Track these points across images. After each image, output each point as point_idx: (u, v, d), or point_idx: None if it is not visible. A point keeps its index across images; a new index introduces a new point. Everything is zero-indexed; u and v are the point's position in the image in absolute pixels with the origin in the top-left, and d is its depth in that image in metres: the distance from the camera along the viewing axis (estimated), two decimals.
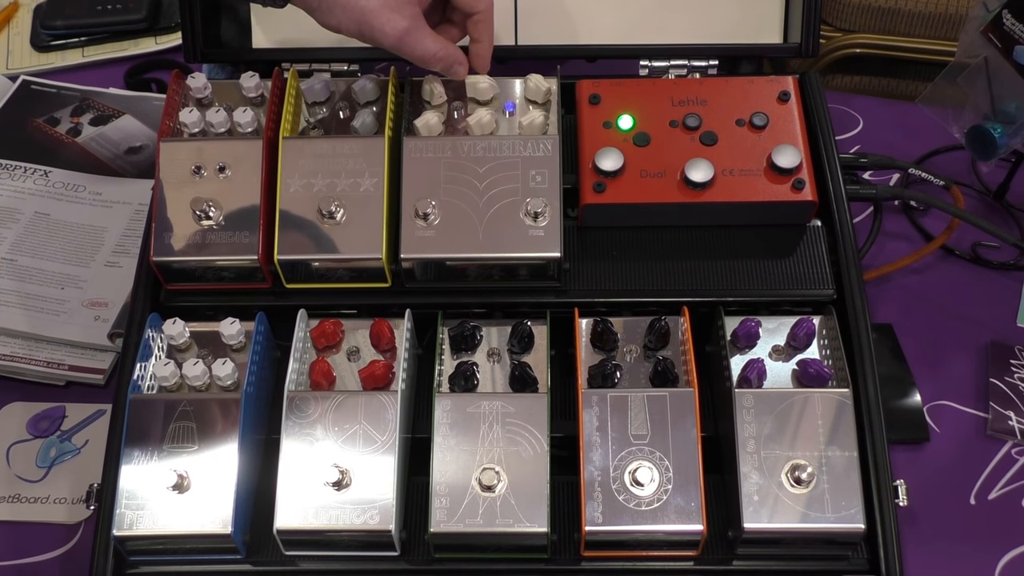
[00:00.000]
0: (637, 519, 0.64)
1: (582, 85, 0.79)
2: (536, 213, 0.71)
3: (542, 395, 0.68)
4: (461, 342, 0.72)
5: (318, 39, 0.83)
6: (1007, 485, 0.79)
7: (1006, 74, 0.85)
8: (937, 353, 0.86)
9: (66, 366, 0.85)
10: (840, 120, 1.03)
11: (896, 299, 0.90)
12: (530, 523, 0.64)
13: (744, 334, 0.71)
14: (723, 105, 0.77)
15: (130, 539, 0.65)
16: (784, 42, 0.84)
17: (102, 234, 0.93)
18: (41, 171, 0.98)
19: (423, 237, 0.71)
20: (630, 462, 0.65)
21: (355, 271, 0.72)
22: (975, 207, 0.97)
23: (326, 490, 0.65)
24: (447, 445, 0.66)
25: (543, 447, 0.66)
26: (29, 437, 0.83)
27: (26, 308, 0.87)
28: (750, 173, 0.74)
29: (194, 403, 0.68)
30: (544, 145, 0.74)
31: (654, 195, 0.73)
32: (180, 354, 0.72)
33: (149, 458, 0.66)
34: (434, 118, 0.75)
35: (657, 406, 0.67)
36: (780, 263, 0.74)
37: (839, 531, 0.64)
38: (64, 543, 0.77)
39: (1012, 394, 0.83)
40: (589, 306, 0.73)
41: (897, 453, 0.79)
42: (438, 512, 0.64)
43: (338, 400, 0.68)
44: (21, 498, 0.79)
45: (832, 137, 0.78)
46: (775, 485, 0.65)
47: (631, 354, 0.72)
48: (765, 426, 0.66)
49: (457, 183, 0.72)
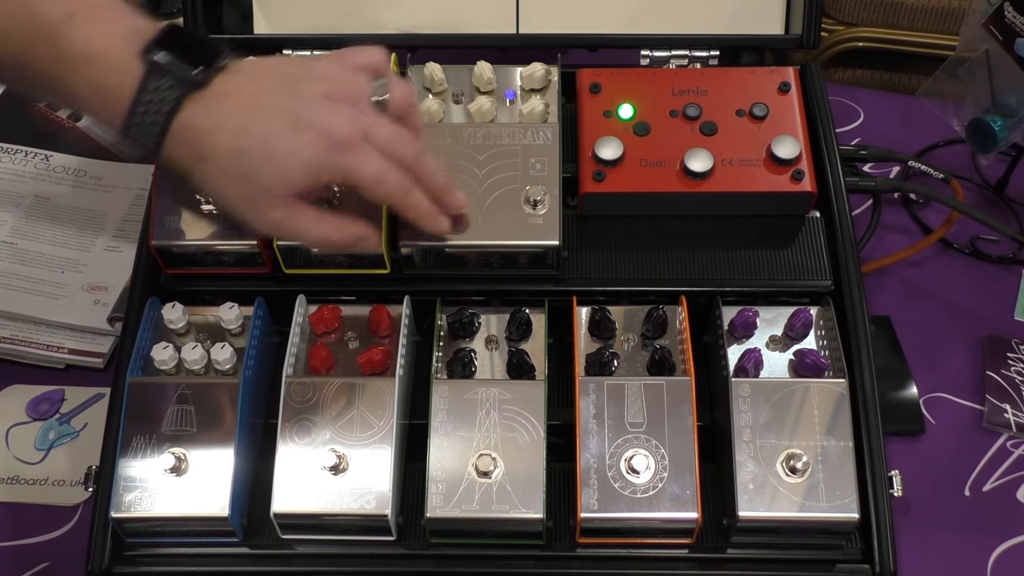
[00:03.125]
0: (632, 506, 0.64)
1: (583, 74, 0.79)
2: (535, 201, 0.71)
3: (539, 382, 0.68)
4: (459, 329, 0.72)
5: (320, 25, 0.83)
6: (1002, 477, 0.80)
7: (1007, 67, 0.85)
8: (934, 345, 0.87)
9: (66, 349, 0.85)
10: (841, 112, 1.03)
11: (894, 291, 0.90)
12: (526, 509, 0.64)
13: (741, 324, 0.71)
14: (723, 95, 0.77)
15: (128, 521, 0.65)
16: (786, 33, 0.84)
17: (102, 218, 0.93)
18: (42, 155, 0.99)
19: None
20: (626, 450, 0.65)
21: (354, 257, 0.72)
22: (974, 200, 0.97)
23: (323, 475, 0.65)
24: (444, 431, 0.67)
25: (540, 434, 0.66)
26: (28, 420, 0.83)
27: (26, 292, 0.87)
28: (750, 163, 0.74)
29: (193, 387, 0.68)
30: (544, 133, 0.74)
31: (654, 184, 0.74)
32: (179, 338, 0.72)
33: (147, 441, 0.67)
34: (435, 105, 0.75)
35: (654, 394, 0.67)
36: (778, 254, 0.74)
37: (833, 520, 0.64)
38: (62, 525, 0.77)
39: (1008, 387, 0.83)
40: (587, 295, 0.73)
41: (893, 444, 0.80)
42: (434, 497, 0.65)
43: (336, 385, 0.68)
44: (20, 480, 0.80)
45: (832, 129, 0.78)
46: (770, 474, 0.65)
47: (629, 343, 0.72)
48: (761, 415, 0.66)
49: (457, 170, 0.72)
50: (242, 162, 0.61)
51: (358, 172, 0.62)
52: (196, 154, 0.62)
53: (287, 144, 0.61)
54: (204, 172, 0.62)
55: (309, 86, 0.63)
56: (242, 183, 0.62)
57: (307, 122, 0.61)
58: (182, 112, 0.61)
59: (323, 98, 0.62)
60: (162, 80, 0.60)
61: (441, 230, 0.68)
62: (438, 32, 0.84)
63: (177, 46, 0.61)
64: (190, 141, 0.61)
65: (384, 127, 0.64)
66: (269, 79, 0.63)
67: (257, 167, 0.61)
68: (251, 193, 0.62)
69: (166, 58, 0.60)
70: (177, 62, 0.60)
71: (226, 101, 0.61)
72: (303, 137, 0.61)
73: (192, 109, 0.61)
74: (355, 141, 0.62)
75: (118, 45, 0.60)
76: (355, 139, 0.62)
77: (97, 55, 0.60)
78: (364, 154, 0.62)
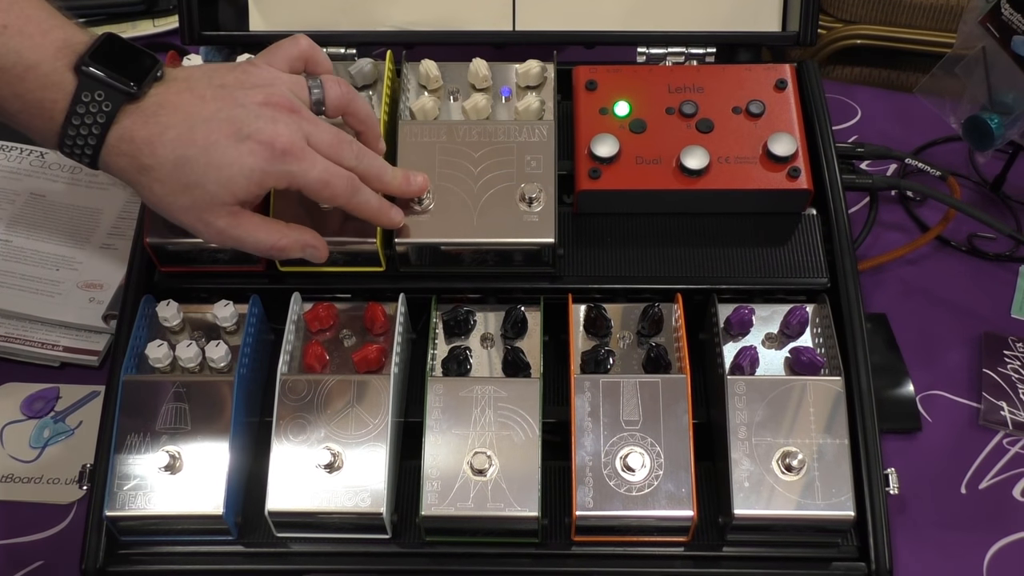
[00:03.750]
0: (628, 504, 0.64)
1: (579, 71, 0.78)
2: (531, 198, 0.71)
3: (535, 380, 0.68)
4: (455, 327, 0.72)
5: (315, 22, 0.83)
6: (998, 475, 0.79)
7: (1004, 64, 0.85)
8: (931, 343, 0.87)
9: (60, 347, 0.85)
10: (838, 110, 1.03)
11: (891, 289, 0.90)
12: (521, 507, 0.64)
13: (737, 321, 0.71)
14: (720, 93, 0.77)
15: (122, 519, 0.65)
16: (783, 30, 0.84)
17: (97, 216, 0.93)
18: (37, 152, 0.98)
19: (418, 222, 0.71)
20: (621, 448, 0.65)
21: (350, 255, 0.72)
22: (971, 198, 0.97)
23: (318, 473, 0.65)
24: (439, 429, 0.66)
25: (535, 432, 0.66)
26: (23, 418, 0.83)
27: (21, 289, 0.87)
28: (746, 161, 0.74)
29: (187, 385, 0.68)
30: (540, 130, 0.74)
31: (649, 182, 0.73)
32: (174, 336, 0.72)
33: (142, 439, 0.67)
34: (430, 102, 0.75)
35: (649, 392, 0.67)
36: (775, 251, 0.74)
37: (829, 518, 0.64)
38: (57, 523, 0.77)
39: (1005, 384, 0.83)
40: (583, 292, 0.73)
41: (889, 442, 0.79)
42: (429, 495, 0.64)
43: (331, 383, 0.68)
44: (14, 478, 0.79)
45: (829, 126, 0.78)
46: (766, 472, 0.65)
47: (624, 340, 0.72)
48: (757, 413, 0.66)
49: (452, 168, 0.72)
50: (185, 172, 0.61)
51: (301, 179, 0.63)
52: (136, 165, 0.62)
53: (230, 154, 0.61)
54: (146, 183, 0.62)
55: (248, 94, 0.63)
56: (185, 193, 0.62)
57: (248, 131, 0.61)
58: (118, 125, 0.61)
59: (262, 105, 0.63)
60: (95, 93, 0.60)
61: (394, 224, 0.69)
62: (434, 29, 0.84)
63: (111, 57, 0.61)
64: (129, 153, 0.61)
65: (325, 131, 0.65)
66: (207, 89, 0.63)
67: (200, 177, 0.61)
68: (195, 202, 0.62)
69: (99, 71, 0.60)
70: (111, 74, 0.60)
71: (163, 112, 0.61)
72: (245, 146, 0.61)
73: (128, 121, 0.61)
74: (297, 148, 0.62)
75: (50, 58, 0.60)
76: (297, 146, 0.62)
77: (29, 69, 0.60)
78: (307, 160, 0.63)
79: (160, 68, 0.63)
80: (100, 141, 0.61)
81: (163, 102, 0.62)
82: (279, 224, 0.67)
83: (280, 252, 0.67)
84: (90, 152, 0.61)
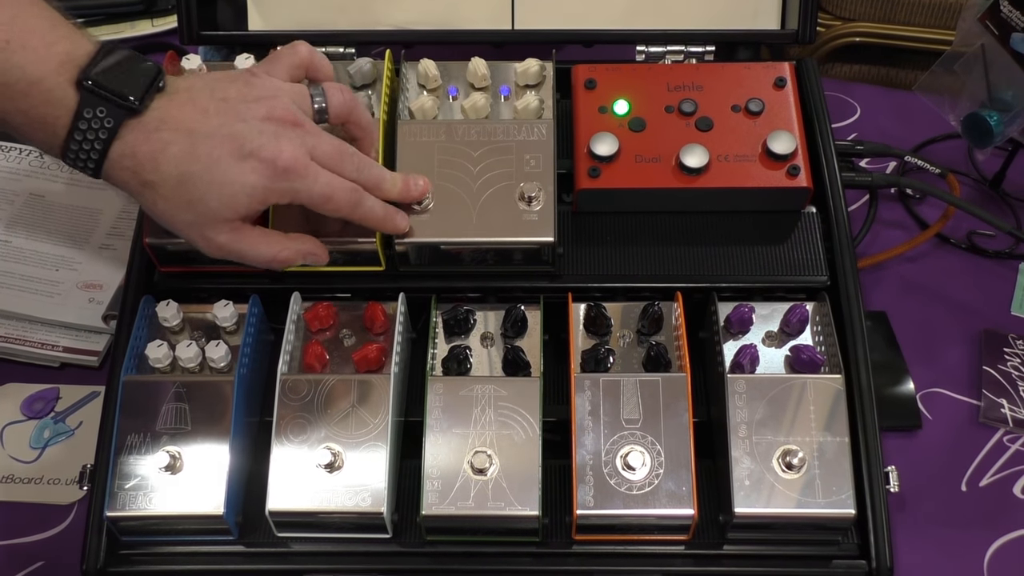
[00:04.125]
0: (628, 503, 0.64)
1: (578, 70, 0.78)
2: (530, 197, 0.71)
3: (535, 379, 0.68)
4: (455, 326, 0.72)
5: (314, 21, 0.83)
6: (998, 472, 0.79)
7: (1003, 62, 0.85)
8: (931, 341, 0.87)
9: (60, 348, 0.85)
10: (837, 107, 1.03)
11: (891, 287, 0.90)
12: (522, 506, 0.64)
13: (737, 320, 0.71)
14: (719, 91, 0.77)
15: (123, 519, 0.65)
16: (782, 28, 0.84)
17: (97, 216, 0.93)
18: (36, 152, 0.98)
19: (417, 221, 0.71)
20: (622, 446, 0.65)
21: (350, 255, 0.72)
22: (971, 195, 0.97)
23: (318, 472, 0.65)
24: (439, 428, 0.66)
25: (535, 431, 0.66)
26: (23, 418, 0.83)
27: (21, 290, 0.87)
28: (745, 159, 0.74)
29: (187, 385, 0.68)
30: (539, 129, 0.74)
31: (649, 180, 0.73)
32: (174, 336, 0.72)
33: (142, 439, 0.67)
34: (429, 101, 0.75)
35: (649, 391, 0.67)
36: (774, 249, 0.74)
37: (830, 516, 0.64)
38: (57, 524, 0.77)
39: (1005, 382, 0.83)
40: (583, 291, 0.73)
41: (889, 440, 0.79)
42: (430, 495, 0.64)
43: (331, 383, 0.68)
44: (15, 479, 0.79)
45: (828, 124, 0.78)
46: (766, 470, 0.65)
47: (624, 339, 0.72)
48: (757, 411, 0.66)
49: (451, 167, 0.72)
50: (187, 189, 0.61)
51: (304, 195, 0.63)
52: (139, 180, 0.62)
53: (232, 171, 0.61)
54: (149, 197, 0.62)
55: (250, 108, 0.63)
56: (188, 209, 0.62)
57: (251, 148, 0.61)
58: (120, 140, 0.61)
59: (265, 120, 0.63)
60: (97, 109, 0.60)
61: (400, 231, 0.69)
62: (433, 28, 0.84)
63: (112, 69, 0.61)
64: (131, 168, 0.61)
65: (327, 143, 0.65)
66: (209, 102, 0.63)
67: (202, 194, 0.61)
68: (197, 218, 0.63)
69: (101, 85, 0.60)
70: (112, 89, 0.60)
71: (166, 127, 0.61)
72: (248, 164, 0.61)
73: (131, 137, 0.61)
74: (300, 165, 0.62)
75: (53, 73, 0.60)
76: (300, 163, 0.62)
77: (32, 85, 0.60)
78: (310, 176, 0.63)
79: (162, 78, 0.62)
80: (102, 156, 0.61)
81: (165, 116, 0.62)
82: (279, 236, 0.67)
83: (282, 264, 0.67)
84: (93, 166, 0.62)
